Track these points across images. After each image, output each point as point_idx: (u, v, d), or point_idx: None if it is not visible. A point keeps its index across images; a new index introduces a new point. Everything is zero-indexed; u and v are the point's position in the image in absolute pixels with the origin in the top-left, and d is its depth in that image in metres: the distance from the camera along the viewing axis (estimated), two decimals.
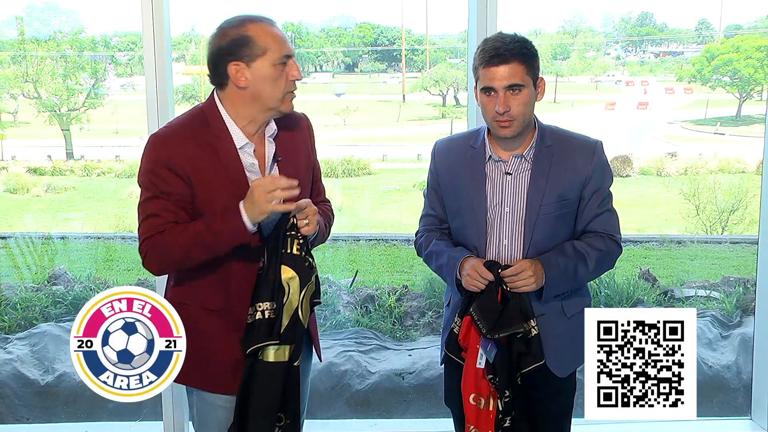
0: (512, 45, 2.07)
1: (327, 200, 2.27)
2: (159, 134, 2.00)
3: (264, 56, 1.94)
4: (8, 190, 9.53)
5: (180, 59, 11.53)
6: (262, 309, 1.93)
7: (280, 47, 1.95)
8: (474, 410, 2.16)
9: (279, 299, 1.93)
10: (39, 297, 5.00)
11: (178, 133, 1.99)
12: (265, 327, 1.93)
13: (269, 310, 1.93)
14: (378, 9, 12.91)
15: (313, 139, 2.21)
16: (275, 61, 1.95)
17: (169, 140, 1.97)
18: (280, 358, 1.97)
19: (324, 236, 2.14)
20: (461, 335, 2.16)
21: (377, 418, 3.77)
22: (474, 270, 2.09)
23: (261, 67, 1.95)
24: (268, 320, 1.93)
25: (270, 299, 1.93)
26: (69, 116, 10.13)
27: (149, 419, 3.60)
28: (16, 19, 9.92)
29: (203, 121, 2.00)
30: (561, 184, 2.15)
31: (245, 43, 1.94)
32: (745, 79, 10.75)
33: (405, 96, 12.56)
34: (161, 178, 1.95)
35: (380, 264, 7.29)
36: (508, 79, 2.05)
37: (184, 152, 1.95)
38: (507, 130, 2.10)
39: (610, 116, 12.38)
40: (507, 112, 2.07)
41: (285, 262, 1.93)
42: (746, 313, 4.62)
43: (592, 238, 2.18)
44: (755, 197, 7.82)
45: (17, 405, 3.85)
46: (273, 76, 1.95)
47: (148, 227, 1.96)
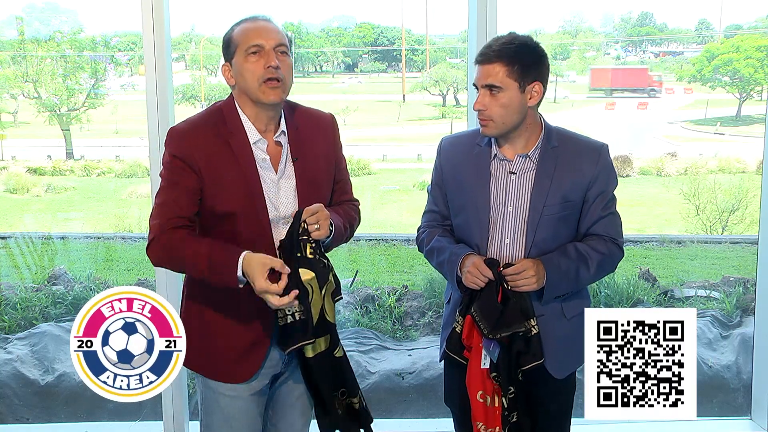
0: (501, 46, 2.08)
1: (354, 200, 2.28)
2: (177, 127, 2.07)
3: (237, 50, 2.01)
4: (8, 190, 9.52)
5: (180, 59, 11.53)
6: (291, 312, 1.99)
7: (247, 38, 2.00)
8: (482, 407, 2.17)
9: (305, 300, 1.98)
10: (39, 297, 5.00)
11: (194, 127, 2.05)
12: (300, 328, 2.00)
13: (299, 311, 1.99)
14: (378, 9, 12.91)
15: (338, 139, 2.23)
16: (245, 51, 1.99)
17: (185, 133, 2.04)
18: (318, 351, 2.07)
19: (344, 237, 2.16)
20: (465, 334, 2.16)
21: (377, 418, 3.75)
22: (475, 267, 2.09)
23: (236, 62, 2.02)
24: (301, 321, 1.99)
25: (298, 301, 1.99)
26: (69, 116, 10.12)
27: (149, 419, 3.60)
28: (16, 19, 9.92)
29: (220, 117, 2.06)
30: (565, 185, 2.15)
31: (228, 44, 2.04)
32: (745, 79, 10.75)
33: (405, 96, 12.55)
34: (175, 169, 2.02)
35: (380, 264, 7.29)
36: (485, 79, 2.08)
37: (197, 145, 2.01)
38: (485, 129, 2.13)
39: (610, 116, 12.37)
40: (482, 111, 2.10)
41: (302, 265, 1.98)
42: (746, 313, 4.62)
43: (594, 240, 2.18)
44: (755, 197, 7.81)
45: (17, 405, 3.85)
46: (245, 67, 2.00)
47: (158, 213, 2.03)
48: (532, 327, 2.10)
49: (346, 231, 2.16)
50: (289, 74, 2.03)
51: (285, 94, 2.03)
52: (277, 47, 1.99)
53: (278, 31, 2.03)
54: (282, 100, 2.03)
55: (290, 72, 2.04)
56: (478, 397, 2.17)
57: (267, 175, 2.05)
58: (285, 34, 2.05)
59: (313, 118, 2.16)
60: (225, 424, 2.14)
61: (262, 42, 1.98)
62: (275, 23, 2.05)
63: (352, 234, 2.22)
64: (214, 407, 2.15)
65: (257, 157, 2.04)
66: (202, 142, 2.01)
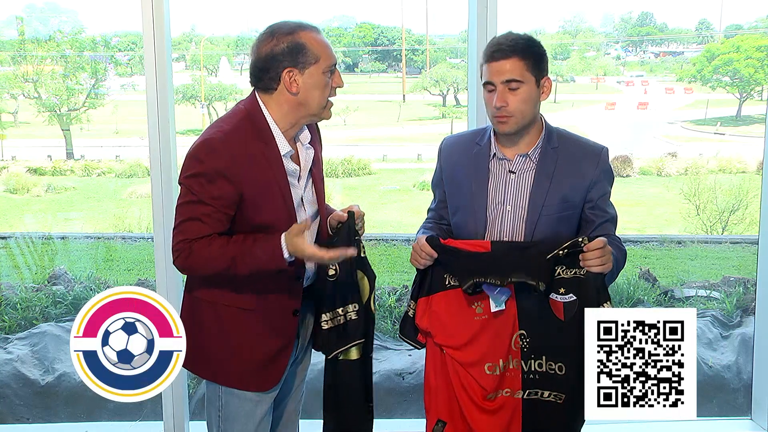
0: (515, 42, 2.07)
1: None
2: (214, 139, 1.98)
3: (316, 64, 1.99)
4: (8, 190, 9.52)
5: (180, 59, 11.53)
6: (348, 312, 2.05)
7: (330, 56, 2.01)
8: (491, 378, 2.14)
9: (360, 300, 2.05)
10: (39, 297, 4.99)
11: (233, 140, 1.98)
12: (353, 327, 2.07)
13: (354, 311, 2.05)
14: (378, 9, 12.90)
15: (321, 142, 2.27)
16: (325, 69, 2.00)
17: (225, 147, 1.96)
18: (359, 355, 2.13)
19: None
20: (417, 317, 2.17)
21: (377, 418, 3.76)
22: (417, 245, 2.11)
23: (313, 75, 1.99)
24: (355, 321, 2.06)
25: (354, 301, 2.05)
26: (69, 116, 10.11)
27: (149, 419, 3.60)
28: (16, 19, 9.92)
29: (253, 126, 2.02)
30: (565, 186, 2.14)
31: (300, 50, 1.98)
32: (745, 79, 10.74)
33: (405, 96, 12.55)
34: (214, 185, 1.95)
35: (380, 264, 7.29)
36: (506, 74, 2.06)
37: (239, 160, 1.96)
38: (505, 126, 2.11)
39: (610, 116, 12.37)
40: (504, 107, 2.08)
41: (359, 266, 2.07)
42: (746, 313, 4.62)
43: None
44: (755, 197, 7.81)
45: (17, 405, 3.85)
46: (322, 83, 2.00)
47: (188, 229, 1.96)
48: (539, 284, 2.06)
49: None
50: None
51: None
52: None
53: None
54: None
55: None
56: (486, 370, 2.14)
57: (295, 184, 2.07)
58: None
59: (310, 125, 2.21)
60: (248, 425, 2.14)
61: (336, 61, 2.03)
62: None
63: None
64: (238, 413, 2.13)
65: (288, 169, 2.04)
66: (242, 153, 1.97)
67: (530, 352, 2.10)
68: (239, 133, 1.99)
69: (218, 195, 1.95)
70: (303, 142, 2.11)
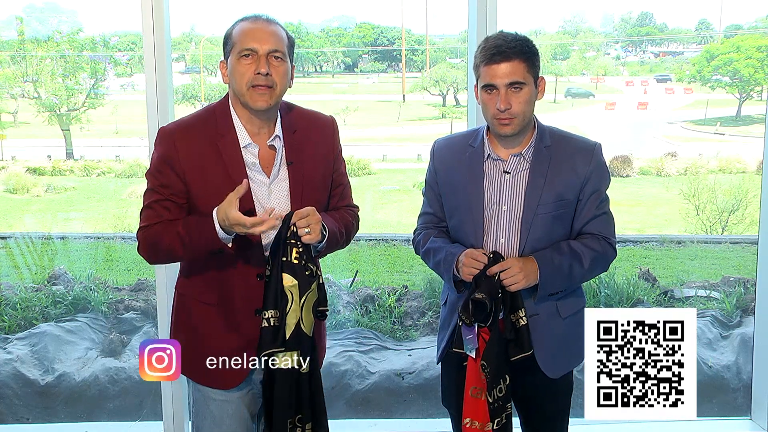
0: (514, 43, 2.07)
1: (353, 205, 2.25)
2: (165, 129, 2.05)
3: (233, 50, 1.99)
4: (8, 190, 9.52)
5: (180, 59, 11.53)
6: (267, 317, 1.95)
7: (243, 40, 1.97)
8: (472, 402, 2.16)
9: (282, 307, 1.93)
10: (39, 297, 4.99)
11: (182, 129, 2.03)
12: (271, 334, 1.95)
13: (273, 317, 1.94)
14: (378, 9, 12.91)
15: (337, 142, 2.19)
16: (238, 53, 1.97)
17: (172, 136, 2.02)
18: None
19: (339, 242, 2.11)
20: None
21: (377, 418, 3.77)
22: (468, 257, 2.10)
23: (231, 61, 2.00)
24: (273, 328, 1.95)
25: (274, 307, 1.94)
26: (69, 116, 10.12)
27: (149, 419, 3.60)
28: (15, 19, 9.92)
29: (212, 119, 2.04)
30: (559, 184, 2.15)
31: (226, 41, 2.02)
32: (745, 79, 10.75)
33: (405, 96, 12.55)
34: (160, 173, 2.01)
35: (380, 264, 7.29)
36: (510, 76, 2.06)
37: (183, 148, 1.99)
38: (507, 128, 2.11)
39: (610, 116, 12.37)
40: (508, 110, 2.07)
41: (285, 270, 1.92)
42: (746, 313, 4.62)
43: (588, 239, 2.18)
44: (755, 197, 7.81)
45: (17, 405, 3.84)
46: (236, 68, 1.98)
47: (143, 217, 2.03)
48: (520, 318, 2.09)
49: (341, 236, 2.11)
50: (282, 80, 1.99)
51: (273, 100, 1.99)
52: (271, 53, 1.96)
53: (276, 35, 1.98)
54: (270, 106, 1.99)
55: (284, 77, 1.99)
56: (471, 393, 2.16)
57: (258, 178, 2.02)
58: (285, 38, 2.01)
59: (312, 120, 2.14)
60: (215, 427, 2.12)
61: (256, 46, 1.95)
62: (276, 26, 2.01)
63: (348, 240, 2.17)
64: (204, 411, 2.13)
65: (247, 161, 2.01)
66: (189, 143, 1.99)
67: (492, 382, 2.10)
68: (192, 124, 2.03)
69: (166, 183, 1.99)
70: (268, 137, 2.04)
